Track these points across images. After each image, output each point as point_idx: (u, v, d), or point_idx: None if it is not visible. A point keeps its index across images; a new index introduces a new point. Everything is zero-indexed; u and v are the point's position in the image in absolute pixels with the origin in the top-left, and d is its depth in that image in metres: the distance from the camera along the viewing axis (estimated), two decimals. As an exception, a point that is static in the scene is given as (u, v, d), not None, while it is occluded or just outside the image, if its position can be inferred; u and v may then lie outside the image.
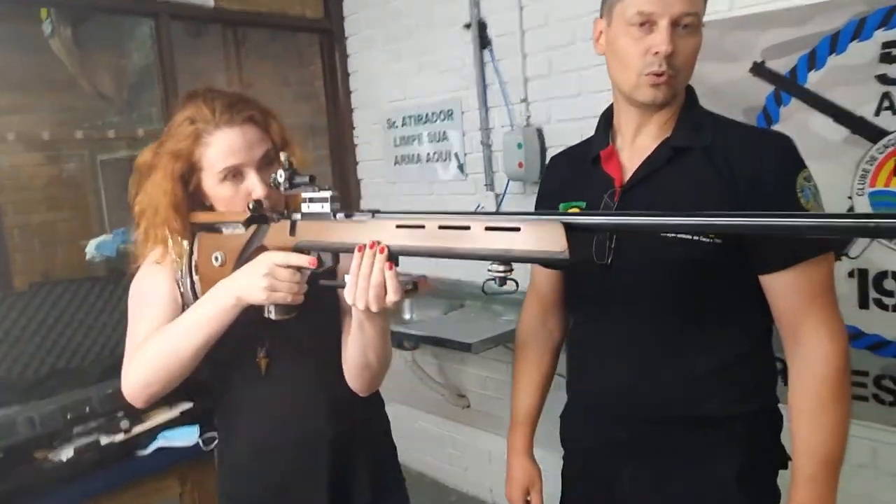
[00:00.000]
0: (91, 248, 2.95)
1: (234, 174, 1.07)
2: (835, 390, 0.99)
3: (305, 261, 0.96)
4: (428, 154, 2.72)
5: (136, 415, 1.68)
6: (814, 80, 1.68)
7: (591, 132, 1.18)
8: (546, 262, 0.76)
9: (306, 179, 0.98)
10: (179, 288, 1.12)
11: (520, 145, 2.27)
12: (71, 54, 2.75)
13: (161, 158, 1.07)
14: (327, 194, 0.97)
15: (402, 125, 2.79)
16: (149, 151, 1.10)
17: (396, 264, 0.90)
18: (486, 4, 2.42)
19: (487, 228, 0.79)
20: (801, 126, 1.71)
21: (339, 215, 0.95)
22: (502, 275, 0.79)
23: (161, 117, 2.54)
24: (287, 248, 0.99)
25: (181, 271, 1.13)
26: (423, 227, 0.85)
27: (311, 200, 0.98)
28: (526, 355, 1.31)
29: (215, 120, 1.04)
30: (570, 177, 1.21)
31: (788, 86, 1.72)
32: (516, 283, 0.80)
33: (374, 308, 0.89)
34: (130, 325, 1.12)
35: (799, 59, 1.69)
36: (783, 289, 1.02)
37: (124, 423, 1.65)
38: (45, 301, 1.84)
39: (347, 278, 0.90)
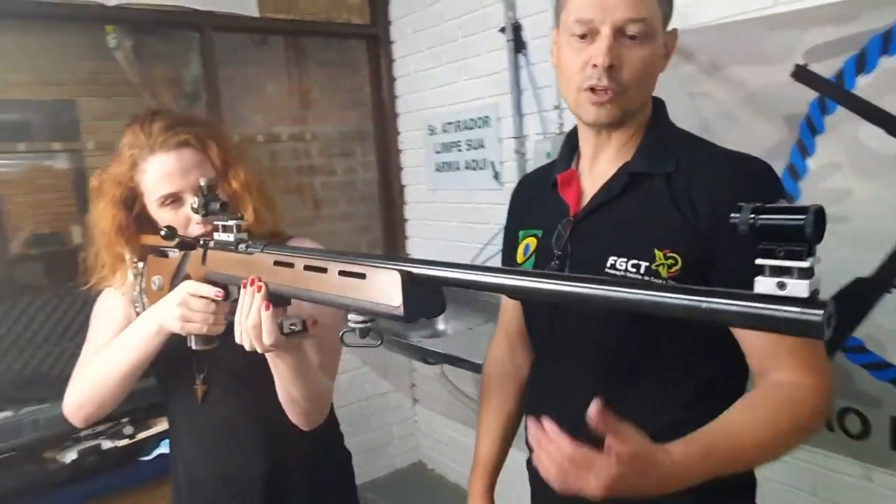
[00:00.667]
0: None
1: (174, 199, 1.06)
2: (799, 421, 0.83)
3: (212, 292, 0.93)
4: (466, 161, 2.64)
5: (142, 421, 1.74)
6: (863, 85, 1.46)
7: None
8: (384, 316, 0.68)
9: (217, 207, 0.95)
10: (136, 310, 1.13)
11: (548, 154, 2.14)
12: (132, 66, 2.89)
13: (105, 183, 1.08)
14: (233, 223, 0.93)
15: (443, 131, 2.73)
16: (95, 176, 1.12)
17: (287, 303, 0.85)
18: (521, 6, 2.31)
19: (340, 273, 0.72)
20: (850, 138, 1.49)
21: (241, 246, 0.91)
22: (361, 325, 0.71)
23: (206, 126, 2.61)
24: (199, 277, 0.97)
25: (135, 294, 1.14)
26: (291, 265, 0.80)
27: (223, 229, 0.95)
28: (490, 392, 1.22)
29: (150, 144, 1.04)
30: (531, 202, 1.11)
31: (834, 91, 1.50)
32: (381, 336, 0.73)
33: (258, 348, 0.85)
34: (84, 346, 1.15)
35: (846, 61, 1.47)
36: (750, 336, 0.87)
37: (128, 429, 1.71)
38: (72, 305, 1.94)
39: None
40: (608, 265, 0.92)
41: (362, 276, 0.69)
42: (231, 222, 0.93)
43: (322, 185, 3.02)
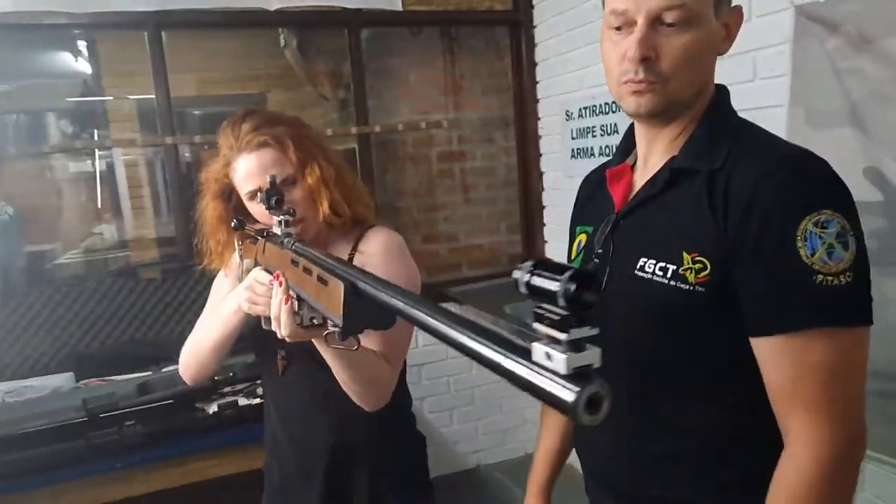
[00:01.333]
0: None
1: (257, 194, 1.17)
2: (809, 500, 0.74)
3: (266, 279, 1.02)
4: (600, 147, 2.55)
5: (273, 383, 1.96)
6: None
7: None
8: (334, 322, 0.71)
9: (273, 202, 1.04)
10: None
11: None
12: (297, 62, 3.19)
13: (207, 180, 1.23)
14: (281, 218, 1.02)
15: (579, 116, 2.66)
16: (201, 173, 1.27)
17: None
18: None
19: (318, 279, 0.76)
20: None
21: (286, 240, 0.99)
22: (337, 329, 0.75)
23: (356, 118, 2.81)
24: (264, 265, 1.07)
25: (240, 274, 1.29)
26: (297, 265, 0.86)
27: (280, 222, 1.04)
28: (548, 432, 1.21)
29: (237, 145, 1.15)
30: (590, 197, 1.08)
31: None
32: (358, 340, 0.76)
33: (286, 339, 0.93)
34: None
35: None
36: (767, 360, 0.79)
37: (260, 390, 1.93)
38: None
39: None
40: (637, 266, 0.87)
41: (325, 282, 0.74)
42: (281, 217, 1.02)
43: (461, 170, 3.10)
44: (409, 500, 1.27)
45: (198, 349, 1.22)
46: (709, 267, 0.80)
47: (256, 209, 1.18)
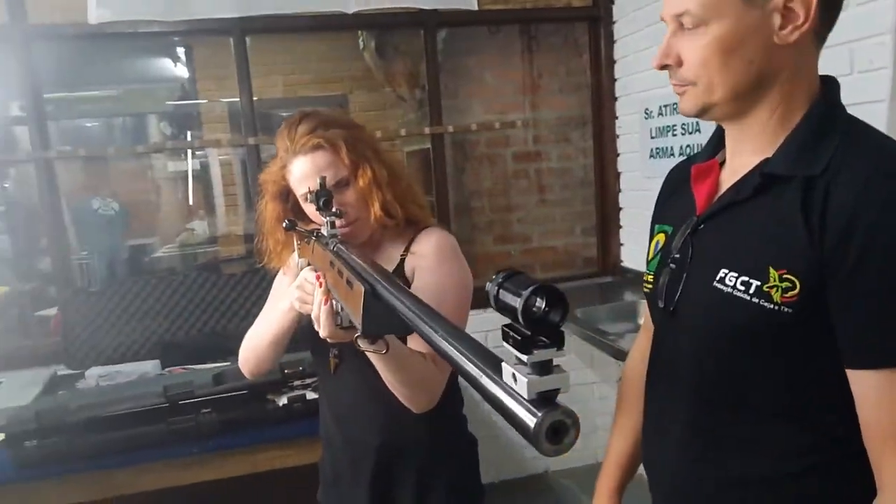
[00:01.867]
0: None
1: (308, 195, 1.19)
2: None
3: (313, 278, 1.03)
4: (680, 147, 2.44)
5: (340, 379, 2.00)
6: None
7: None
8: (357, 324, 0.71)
9: (321, 203, 1.06)
10: None
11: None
12: (375, 63, 3.24)
13: (266, 181, 1.26)
14: (328, 219, 1.03)
15: (659, 115, 2.56)
16: (263, 172, 1.31)
17: None
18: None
19: (347, 281, 0.76)
20: None
21: (331, 241, 1.00)
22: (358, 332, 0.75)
23: (430, 118, 2.82)
24: (312, 266, 1.09)
25: (298, 272, 1.33)
26: (334, 266, 0.86)
27: (327, 223, 1.05)
28: (628, 394, 1.15)
29: (292, 148, 1.17)
30: (672, 192, 1.01)
31: None
32: (386, 344, 0.75)
33: (327, 339, 0.94)
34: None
35: None
36: (868, 394, 0.72)
37: (328, 384, 1.98)
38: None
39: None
40: (717, 278, 0.81)
41: (351, 285, 0.73)
42: (328, 218, 1.04)
43: (536, 171, 3.05)
44: (457, 503, 1.26)
45: (255, 344, 1.26)
46: (798, 286, 0.73)
47: (310, 210, 1.20)
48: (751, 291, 0.76)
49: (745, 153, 0.84)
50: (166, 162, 5.96)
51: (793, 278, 0.73)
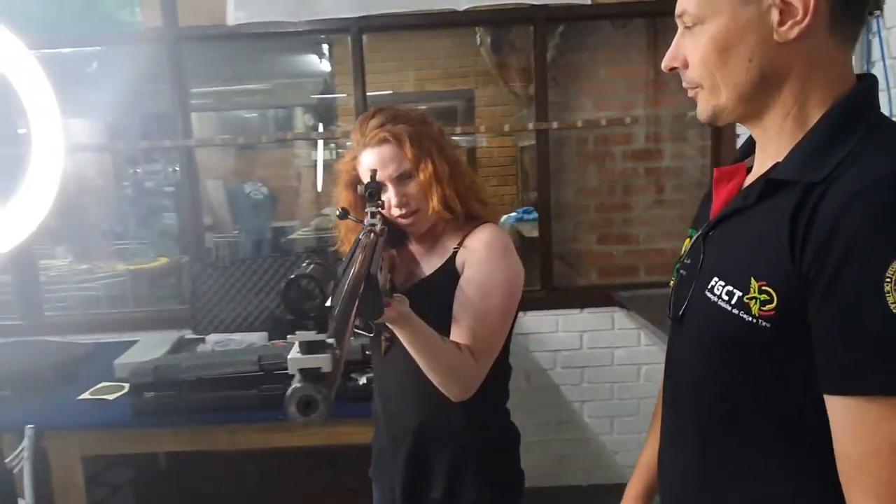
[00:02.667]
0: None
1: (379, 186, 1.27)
2: None
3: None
4: (801, 149, 2.24)
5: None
6: None
7: None
8: None
9: (368, 193, 1.12)
10: None
11: None
12: (491, 59, 3.29)
13: (340, 171, 1.36)
14: (371, 209, 1.09)
15: (780, 114, 2.36)
16: (339, 161, 1.40)
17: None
18: (883, -45, 1.84)
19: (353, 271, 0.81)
20: None
21: (368, 229, 1.06)
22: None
23: (536, 114, 2.82)
24: None
25: None
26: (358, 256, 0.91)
27: (372, 215, 1.11)
28: (660, 402, 1.13)
29: (363, 140, 1.26)
30: (708, 195, 0.95)
31: None
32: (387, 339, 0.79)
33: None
34: None
35: None
36: (838, 422, 0.66)
37: (406, 368, 2.07)
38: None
39: None
40: (709, 286, 0.78)
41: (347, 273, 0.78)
42: (370, 209, 1.10)
43: (646, 170, 2.94)
44: (489, 495, 1.28)
45: None
46: (775, 300, 0.69)
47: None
48: (733, 302, 0.73)
49: (765, 158, 0.79)
50: (310, 151, 6.44)
51: (770, 291, 0.70)
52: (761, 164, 0.81)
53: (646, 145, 2.95)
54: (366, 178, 1.25)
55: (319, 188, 5.24)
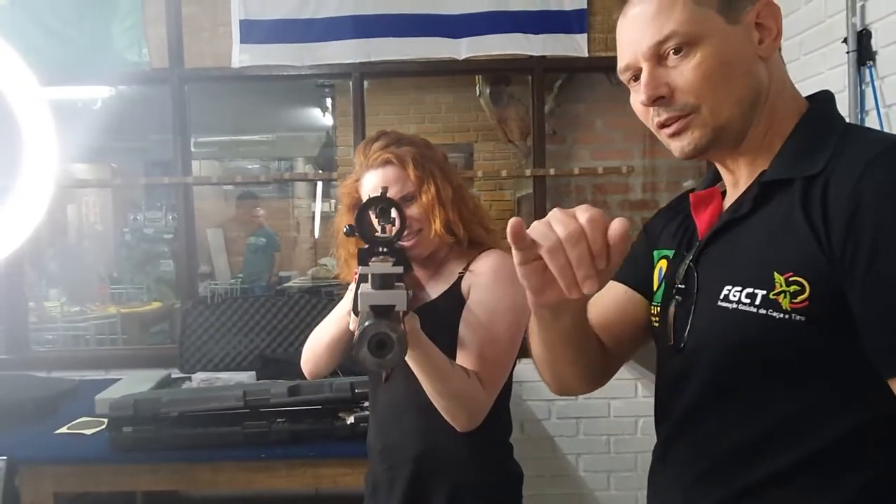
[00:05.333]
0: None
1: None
2: None
3: None
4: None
5: (408, 405, 2.02)
6: None
7: None
8: None
9: (379, 210, 1.10)
10: None
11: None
12: (490, 110, 3.34)
13: (342, 193, 1.35)
14: (381, 225, 1.06)
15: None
16: (341, 185, 1.39)
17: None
18: (872, 8, 1.89)
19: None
20: None
21: (378, 248, 1.02)
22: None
23: (534, 161, 2.85)
24: None
25: None
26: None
27: (382, 229, 1.08)
28: None
29: (366, 162, 1.25)
30: (667, 222, 0.95)
31: None
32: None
33: None
34: None
35: None
36: None
37: (395, 409, 2.00)
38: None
39: None
40: (721, 296, 0.75)
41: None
42: (381, 225, 1.08)
43: (643, 220, 2.94)
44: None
45: (314, 345, 1.32)
46: (807, 289, 0.67)
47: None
48: (757, 302, 0.70)
49: (742, 178, 0.80)
50: (309, 203, 6.49)
51: (801, 280, 0.67)
52: (736, 189, 0.82)
53: (642, 196, 2.97)
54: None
55: (316, 235, 5.25)
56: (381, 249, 0.53)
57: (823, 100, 0.79)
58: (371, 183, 1.23)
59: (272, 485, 1.96)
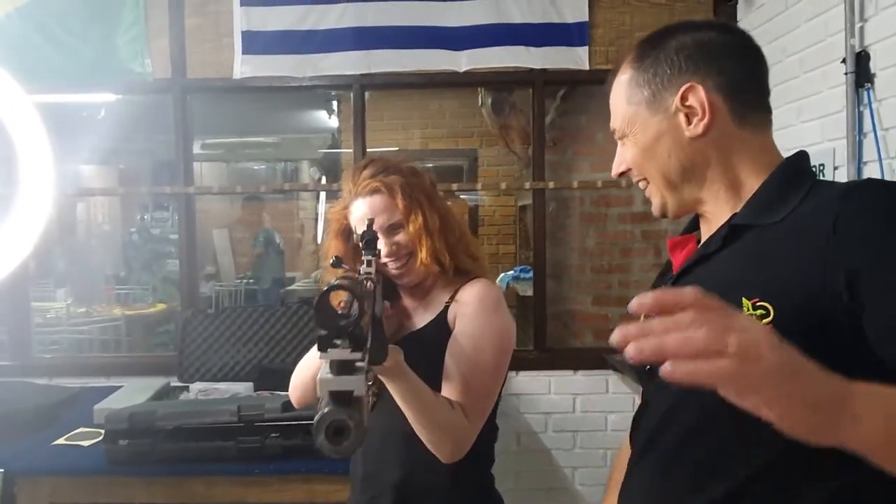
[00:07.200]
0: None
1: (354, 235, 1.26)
2: None
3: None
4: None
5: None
6: None
7: None
8: None
9: (364, 242, 1.10)
10: None
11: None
12: (492, 119, 3.34)
13: (331, 220, 1.35)
14: (366, 259, 1.07)
15: (774, 181, 2.37)
16: (329, 211, 1.39)
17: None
18: (871, 30, 1.88)
19: None
20: None
21: (366, 278, 1.03)
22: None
23: (533, 173, 2.84)
24: None
25: None
26: None
27: (368, 263, 1.09)
28: (624, 450, 1.10)
29: (354, 190, 1.26)
30: (667, 264, 1.02)
31: None
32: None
33: None
34: None
35: None
36: None
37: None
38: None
39: None
40: None
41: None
42: (366, 257, 1.08)
43: (642, 233, 2.94)
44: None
45: (303, 376, 1.32)
46: (772, 313, 0.73)
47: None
48: None
49: (716, 224, 0.88)
50: (314, 204, 6.51)
51: (766, 305, 0.74)
52: (712, 226, 0.89)
53: (643, 209, 2.96)
54: (359, 228, 1.24)
55: (320, 240, 5.27)
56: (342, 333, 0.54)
57: (797, 159, 0.87)
58: (360, 210, 1.24)
59: (266, 499, 1.98)
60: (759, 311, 0.73)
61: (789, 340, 0.67)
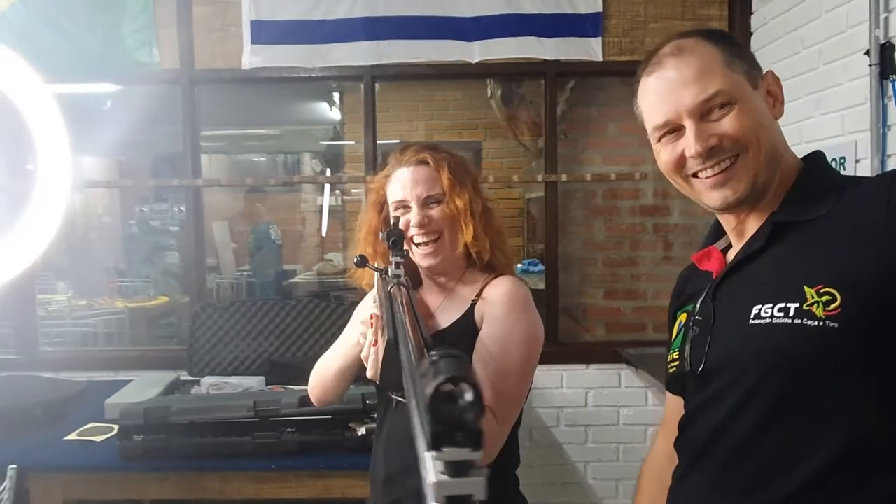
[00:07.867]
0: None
1: (403, 206, 1.21)
2: None
3: (368, 314, 1.04)
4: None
5: (418, 416, 2.01)
6: None
7: None
8: None
9: (391, 242, 1.07)
10: None
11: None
12: (500, 111, 3.31)
13: (370, 190, 1.31)
14: (395, 259, 1.04)
15: (791, 174, 2.35)
16: (371, 180, 1.33)
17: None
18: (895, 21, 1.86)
19: (382, 328, 0.77)
20: None
21: (393, 280, 1.00)
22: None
23: (545, 166, 2.82)
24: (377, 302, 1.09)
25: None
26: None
27: (396, 265, 1.06)
28: (642, 491, 1.10)
29: (401, 159, 1.22)
30: (687, 281, 1.02)
31: None
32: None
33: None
34: None
35: None
36: None
37: (406, 420, 1.99)
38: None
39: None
40: (752, 315, 0.80)
41: (383, 332, 0.74)
42: (395, 258, 1.05)
43: (654, 226, 2.92)
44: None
45: (323, 373, 1.29)
46: (838, 298, 0.73)
47: (402, 222, 1.20)
48: (790, 314, 0.76)
49: (749, 229, 0.88)
50: (316, 196, 6.47)
51: (832, 290, 0.74)
52: (741, 238, 0.90)
53: (654, 201, 2.94)
54: (395, 194, 1.21)
55: (324, 233, 5.23)
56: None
57: (818, 157, 0.90)
58: (402, 177, 1.20)
59: (282, 495, 1.96)
60: (824, 298, 0.74)
61: (859, 324, 0.72)
